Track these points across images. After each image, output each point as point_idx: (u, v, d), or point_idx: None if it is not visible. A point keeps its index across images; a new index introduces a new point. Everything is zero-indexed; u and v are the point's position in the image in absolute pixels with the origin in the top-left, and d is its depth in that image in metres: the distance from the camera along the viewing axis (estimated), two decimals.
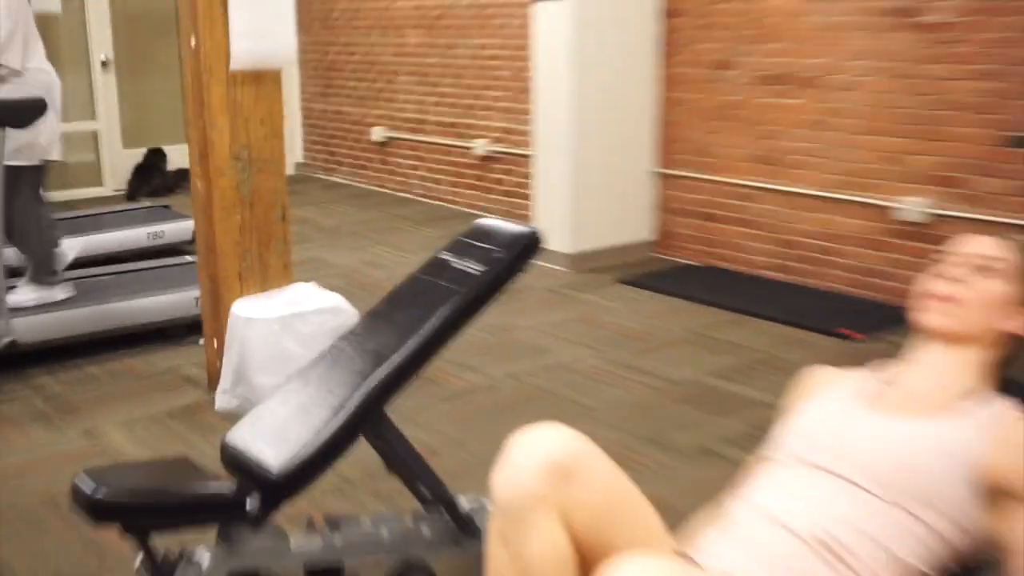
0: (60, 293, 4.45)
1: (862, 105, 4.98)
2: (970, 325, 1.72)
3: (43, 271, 4.40)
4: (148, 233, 5.46)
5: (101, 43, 8.03)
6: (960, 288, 1.73)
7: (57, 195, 7.58)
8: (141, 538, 2.03)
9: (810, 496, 1.60)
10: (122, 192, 8.09)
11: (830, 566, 1.52)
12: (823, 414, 1.75)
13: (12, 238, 4.20)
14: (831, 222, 5.19)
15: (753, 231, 5.57)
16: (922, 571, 1.54)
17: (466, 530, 2.44)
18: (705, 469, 3.14)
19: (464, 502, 2.45)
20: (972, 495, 1.54)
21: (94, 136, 8.13)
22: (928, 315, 1.75)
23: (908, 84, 4.78)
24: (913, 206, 4.77)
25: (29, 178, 4.19)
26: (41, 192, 4.36)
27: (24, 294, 4.34)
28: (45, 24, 4.37)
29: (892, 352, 1.84)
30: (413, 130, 7.82)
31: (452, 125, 7.41)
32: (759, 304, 4.97)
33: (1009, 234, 1.81)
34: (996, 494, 1.53)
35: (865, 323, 4.58)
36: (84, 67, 7.98)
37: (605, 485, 1.55)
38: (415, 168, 7.85)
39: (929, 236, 4.71)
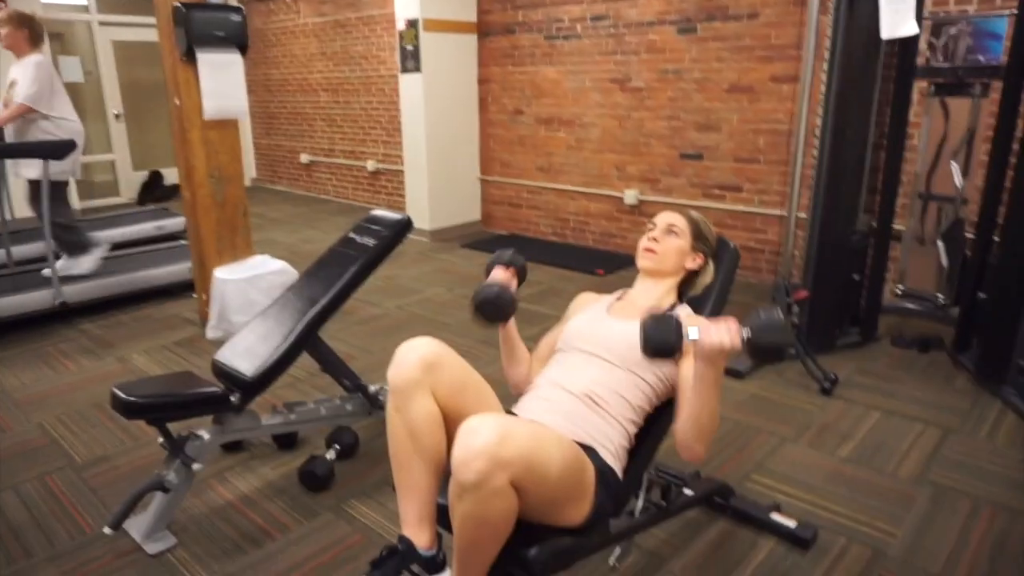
0: (99, 253, 4.05)
1: (598, 136, 5.07)
2: (665, 265, 1.78)
3: (76, 248, 3.96)
4: (155, 226, 5.13)
5: (114, 102, 7.44)
6: (658, 244, 1.79)
7: (89, 203, 7.16)
8: (161, 426, 1.95)
9: (580, 369, 1.63)
10: (134, 200, 7.55)
11: (593, 410, 1.56)
12: (587, 320, 1.77)
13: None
14: (585, 207, 5.29)
15: (540, 212, 5.62)
16: (645, 409, 1.61)
17: (374, 405, 2.43)
18: None
19: (372, 387, 2.43)
20: (669, 361, 1.60)
21: (112, 163, 7.58)
22: (642, 260, 1.80)
23: (624, 123, 4.89)
24: (631, 195, 4.92)
25: (59, 189, 3.81)
26: (66, 197, 3.95)
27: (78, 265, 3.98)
28: (74, 89, 3.95)
29: (624, 282, 1.88)
30: (327, 155, 7.48)
31: (351, 152, 7.13)
32: (546, 256, 5.01)
33: (684, 209, 1.88)
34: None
35: (609, 265, 4.71)
36: (103, 118, 7.40)
37: (457, 372, 1.54)
38: (329, 179, 7.55)
39: (641, 213, 4.89)
